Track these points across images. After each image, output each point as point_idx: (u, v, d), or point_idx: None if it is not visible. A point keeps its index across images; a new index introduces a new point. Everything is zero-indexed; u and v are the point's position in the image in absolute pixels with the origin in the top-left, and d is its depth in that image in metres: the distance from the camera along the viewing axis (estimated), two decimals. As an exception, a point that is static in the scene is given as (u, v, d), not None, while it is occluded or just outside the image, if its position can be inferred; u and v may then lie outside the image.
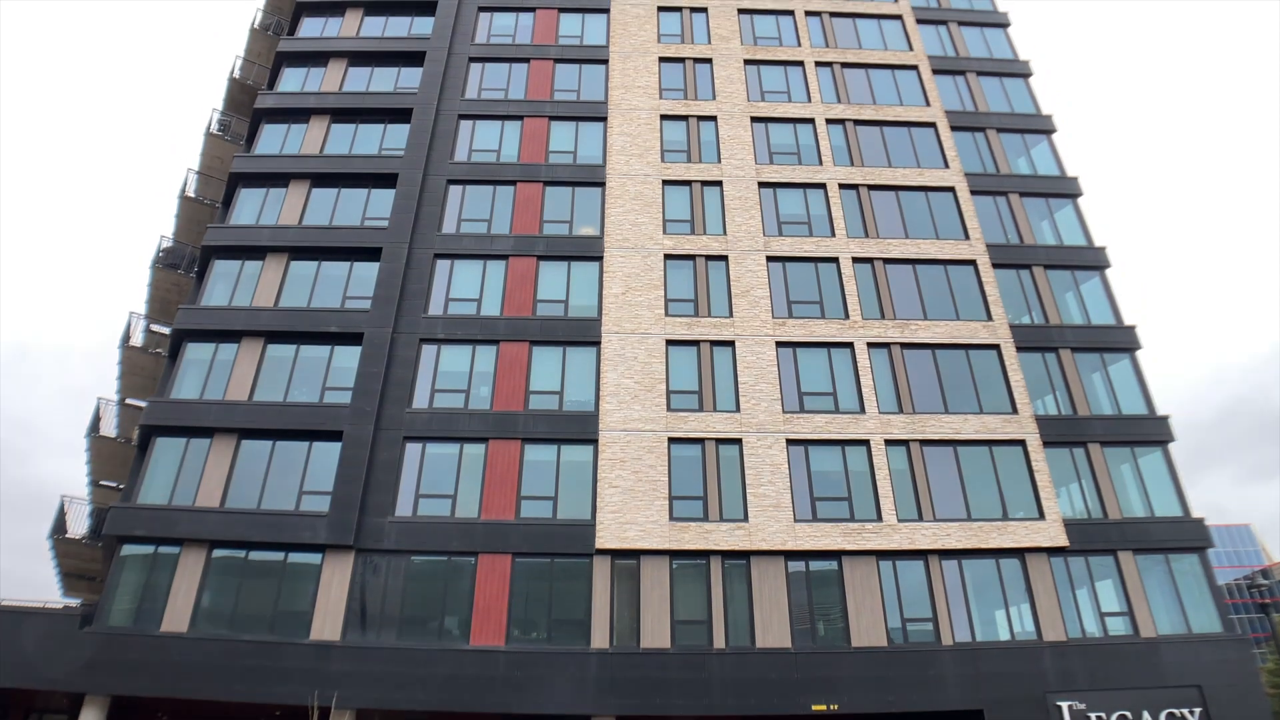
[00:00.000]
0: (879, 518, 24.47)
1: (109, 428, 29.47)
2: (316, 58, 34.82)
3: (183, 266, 30.81)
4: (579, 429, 25.42)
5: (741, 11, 37.23)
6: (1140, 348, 28.65)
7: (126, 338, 29.62)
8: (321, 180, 30.77)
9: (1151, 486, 26.18)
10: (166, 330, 30.35)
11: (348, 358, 26.63)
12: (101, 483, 30.32)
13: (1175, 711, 22.26)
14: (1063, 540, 24.39)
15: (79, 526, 27.39)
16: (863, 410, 26.40)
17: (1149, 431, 26.88)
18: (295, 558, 23.24)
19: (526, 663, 21.76)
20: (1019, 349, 28.13)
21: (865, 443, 25.79)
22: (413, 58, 34.58)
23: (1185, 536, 25.09)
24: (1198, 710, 22.32)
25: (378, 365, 26.02)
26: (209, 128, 33.81)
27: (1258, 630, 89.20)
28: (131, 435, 28.98)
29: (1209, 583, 24.63)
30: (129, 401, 30.69)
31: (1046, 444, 26.25)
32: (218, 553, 23.17)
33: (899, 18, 37.72)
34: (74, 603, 30.79)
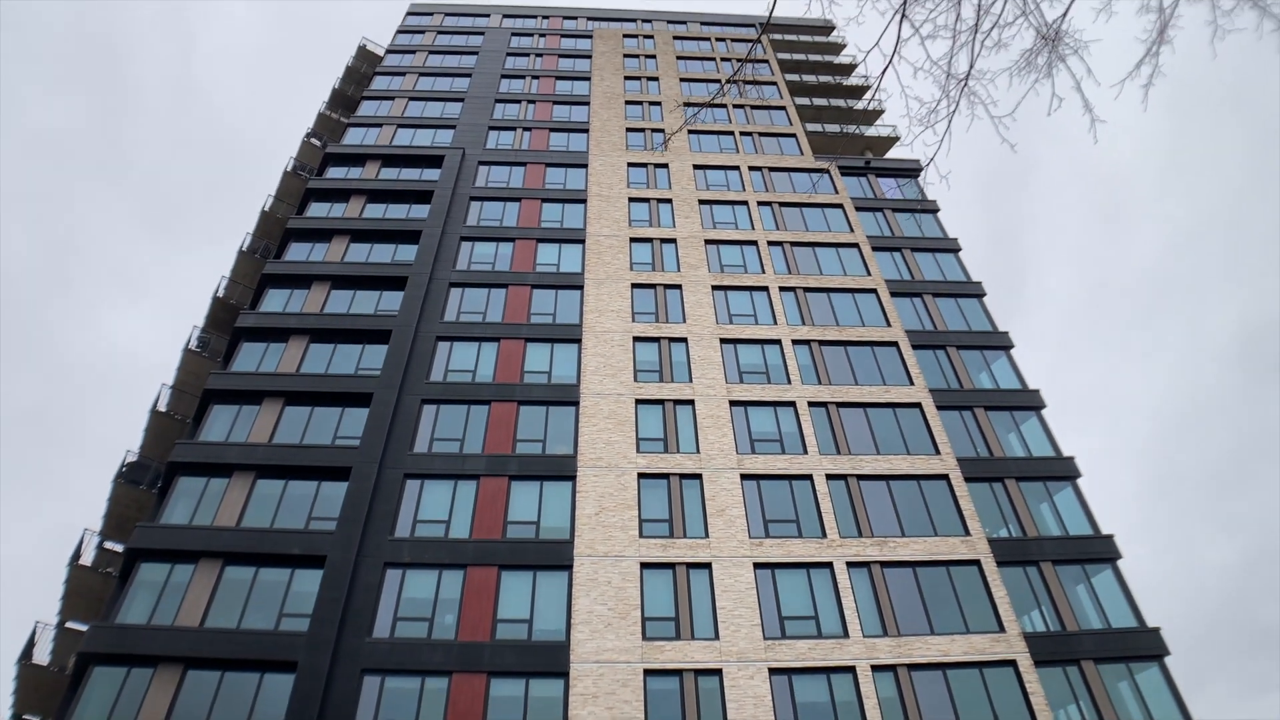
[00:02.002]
0: (870, 755, 22.86)
1: (43, 654, 27.49)
2: (300, 280, 36.16)
3: (146, 482, 30.15)
4: (549, 661, 24.07)
5: (709, 242, 39.83)
6: (1120, 557, 28.42)
7: (77, 555, 28.34)
8: (295, 398, 30.96)
9: (1153, 705, 24.97)
10: (120, 548, 29.14)
11: (308, 581, 25.53)
12: (25, 717, 27.83)
13: None
14: (1066, 777, 22.80)
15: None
16: (846, 634, 25.43)
17: (1143, 646, 26.08)
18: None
19: None
20: (999, 563, 27.74)
21: (851, 669, 24.60)
22: (395, 282, 36.06)
23: (1194, 768, 23.59)
24: None
25: (339, 590, 24.92)
26: (188, 344, 34.32)
27: None
28: (68, 663, 26.99)
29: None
30: (69, 625, 28.87)
31: (1038, 663, 25.22)
32: (146, 809, 20.91)
33: (856, 246, 40.44)
34: None
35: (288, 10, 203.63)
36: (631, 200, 42.22)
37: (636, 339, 34.32)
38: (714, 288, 37.25)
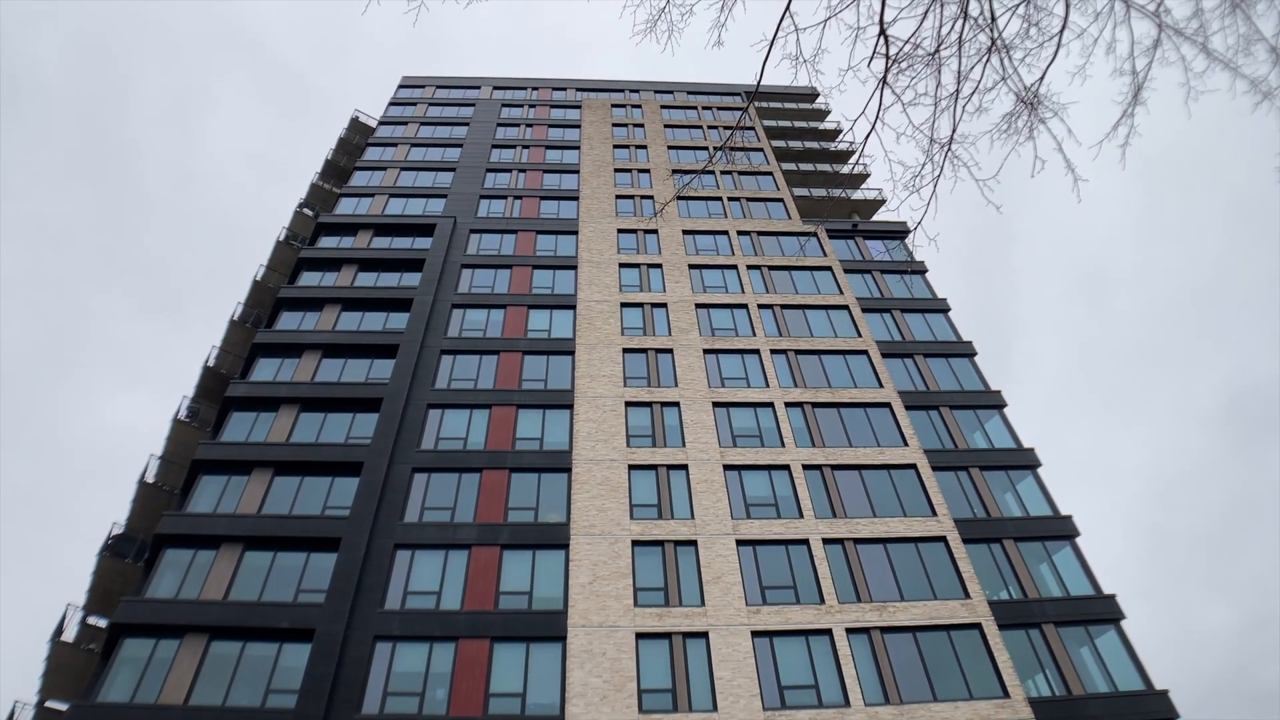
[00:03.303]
0: (876, 832, 22.05)
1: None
2: (291, 349, 36.14)
3: (132, 555, 29.54)
4: (543, 736, 23.32)
5: (699, 306, 40.11)
6: (1123, 617, 27.96)
7: (59, 631, 27.58)
8: (285, 468, 30.63)
9: (1163, 770, 24.29)
10: (104, 623, 28.39)
11: (296, 656, 24.85)
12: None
13: None
14: None
15: None
16: (847, 702, 24.78)
17: (1150, 709, 25.47)
18: None
19: None
20: (1001, 626, 27.24)
21: (854, 741, 23.91)
22: (386, 350, 36.07)
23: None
24: None
25: (327, 665, 24.24)
26: (177, 414, 34.08)
27: None
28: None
29: None
30: (48, 705, 27.92)
31: (1046, 733, 24.56)
32: None
33: (846, 307, 40.77)
34: None
35: (287, 88, 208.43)
36: (622, 266, 42.63)
37: (629, 404, 34.23)
38: (705, 351, 37.37)
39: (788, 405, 34.87)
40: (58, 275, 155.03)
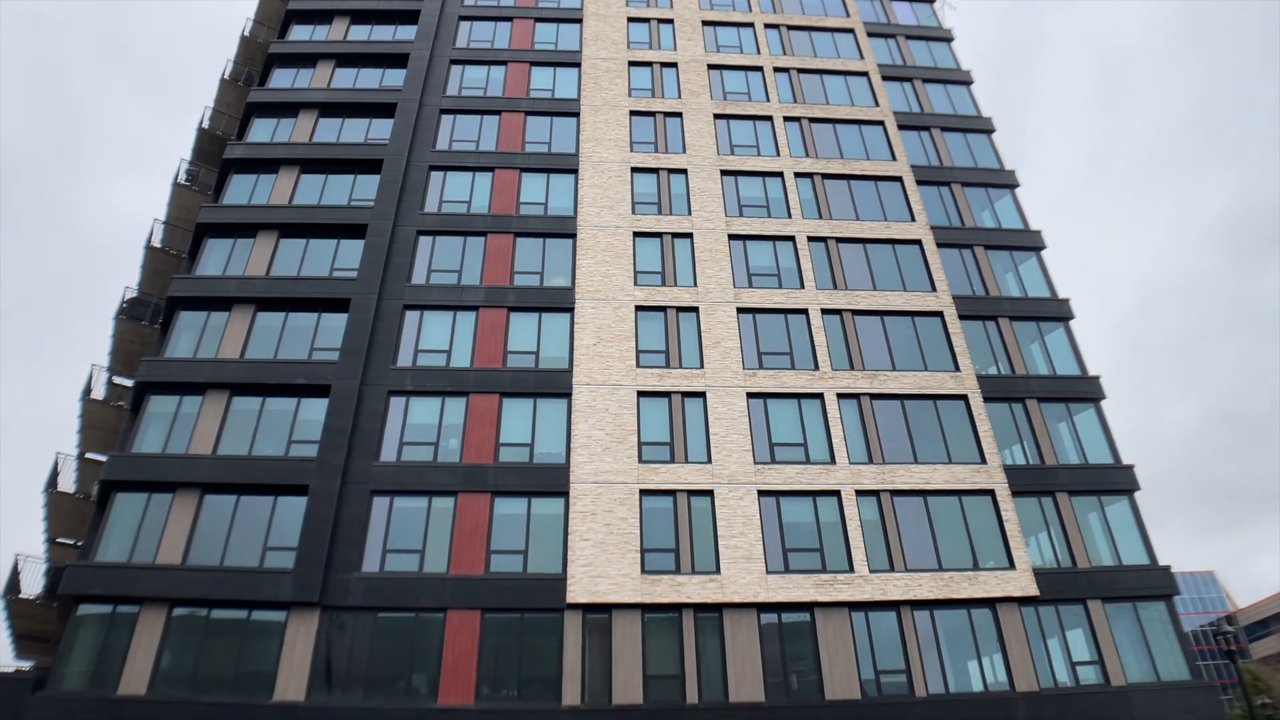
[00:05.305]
0: (851, 569, 24.44)
1: (68, 483, 28.72)
2: (287, 109, 34.93)
3: (147, 318, 30.37)
4: (550, 481, 25.22)
5: (711, 67, 38.06)
6: (1104, 398, 29.14)
7: (88, 390, 29.01)
8: (290, 231, 30.65)
9: (1119, 535, 26.46)
10: (129, 383, 29.79)
11: (314, 410, 26.28)
12: (59, 540, 29.43)
13: (1148, 764, 22.22)
14: (1033, 590, 24.48)
15: (34, 586, 26.47)
16: (833, 461, 26.50)
17: (1115, 481, 27.24)
18: (259, 615, 22.62)
19: (495, 723, 21.26)
20: (986, 399, 28.49)
21: (836, 493, 25.85)
22: (384, 109, 34.81)
23: (1152, 584, 25.32)
24: (1170, 762, 22.30)
25: (345, 418, 25.70)
26: (176, 178, 33.63)
27: (1224, 676, 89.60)
28: (91, 491, 28.25)
29: (1176, 630, 24.81)
30: (89, 456, 29.97)
31: (1015, 493, 26.48)
32: (178, 611, 22.49)
33: (865, 74, 38.75)
34: (26, 665, 29.64)
35: None
36: (630, 20, 39.95)
37: (635, 170, 33.53)
38: (716, 116, 36.00)
39: (797, 175, 34.16)
40: (57, 65, 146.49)
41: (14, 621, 27.58)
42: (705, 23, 40.24)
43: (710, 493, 25.48)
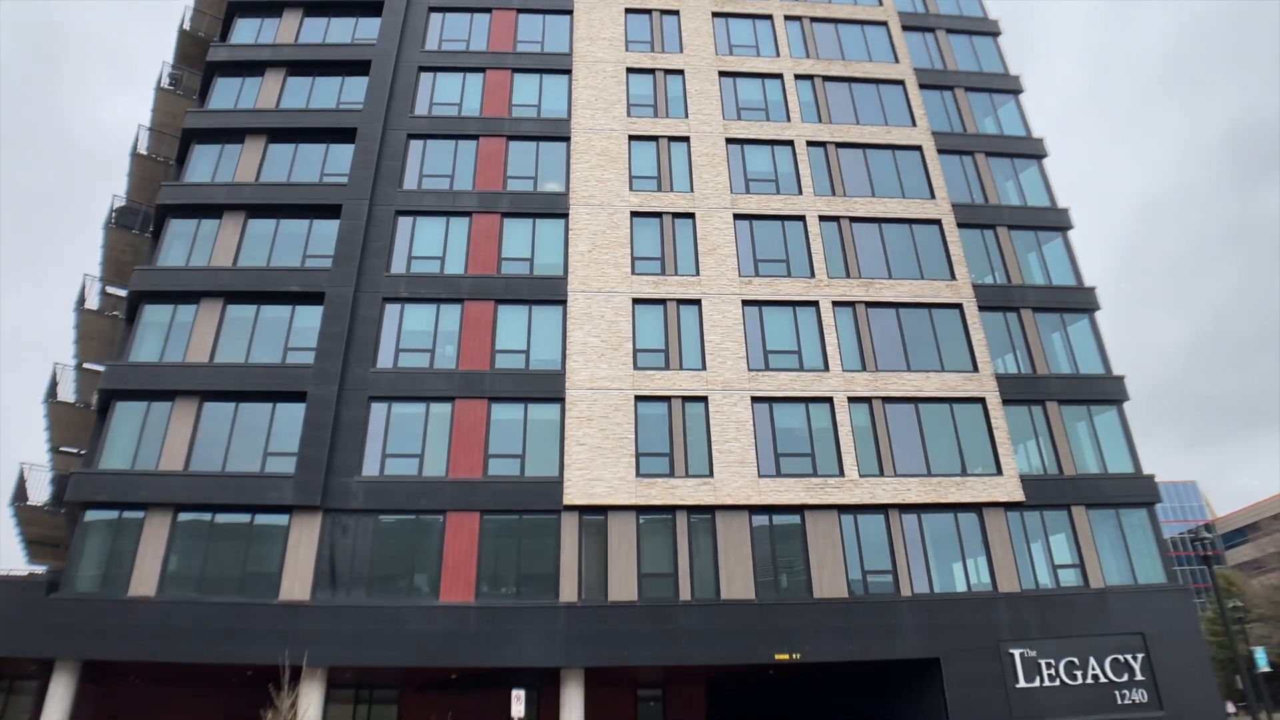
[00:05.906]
0: (841, 473, 24.92)
1: (67, 393, 28.92)
2: (270, 8, 33.65)
3: (137, 227, 30.01)
4: (546, 388, 25.44)
5: (709, -37, 36.47)
6: (1099, 309, 29.15)
7: (81, 301, 28.93)
8: (278, 135, 29.96)
9: (1106, 444, 26.89)
10: (123, 293, 29.65)
11: (310, 317, 26.24)
12: (62, 449, 29.83)
13: (1120, 657, 23.20)
14: (1019, 496, 25.04)
15: (40, 494, 26.99)
16: (826, 368, 26.69)
17: (1105, 391, 27.51)
18: (262, 519, 23.16)
19: (496, 618, 22.03)
20: (981, 308, 28.50)
21: (829, 400, 26.13)
22: (371, 8, 33.53)
23: (1136, 492, 25.90)
24: (1140, 656, 23.28)
25: (340, 325, 25.71)
26: (159, 82, 32.73)
27: (1200, 581, 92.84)
28: (91, 400, 28.47)
29: (1156, 536, 25.51)
30: (87, 366, 30.09)
31: (1005, 402, 26.78)
32: (183, 516, 23.00)
33: (868, -29, 37.22)
34: (40, 570, 30.48)
35: None
36: (626, -86, 38.09)
37: (630, 70, 32.55)
38: (714, 14, 34.68)
39: (797, 77, 33.22)
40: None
41: (24, 528, 28.26)
42: (704, -85, 38.35)
43: (704, 399, 25.74)
